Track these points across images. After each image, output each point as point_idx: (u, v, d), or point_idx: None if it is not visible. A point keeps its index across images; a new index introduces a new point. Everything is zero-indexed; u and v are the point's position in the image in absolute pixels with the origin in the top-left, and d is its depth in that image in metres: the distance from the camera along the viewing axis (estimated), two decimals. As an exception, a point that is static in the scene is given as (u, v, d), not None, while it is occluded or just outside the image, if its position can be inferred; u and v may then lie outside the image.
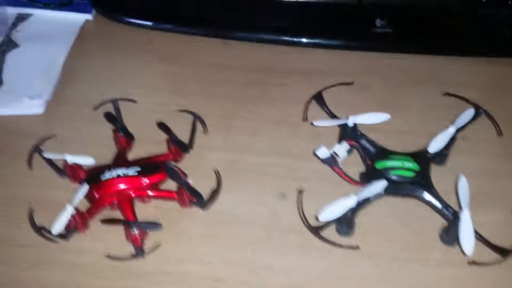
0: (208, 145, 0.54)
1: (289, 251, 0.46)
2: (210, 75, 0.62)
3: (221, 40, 0.66)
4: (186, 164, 0.52)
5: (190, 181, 0.48)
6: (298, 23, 0.65)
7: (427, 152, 0.50)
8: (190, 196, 0.47)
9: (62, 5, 0.69)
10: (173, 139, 0.51)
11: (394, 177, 0.48)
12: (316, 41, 0.64)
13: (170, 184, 0.49)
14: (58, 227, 0.45)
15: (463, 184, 0.45)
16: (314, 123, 0.54)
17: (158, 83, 0.61)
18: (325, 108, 0.57)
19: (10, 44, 0.65)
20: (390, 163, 0.49)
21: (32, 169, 0.52)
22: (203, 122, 0.55)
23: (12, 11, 0.69)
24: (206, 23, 0.67)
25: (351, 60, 0.63)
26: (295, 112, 0.57)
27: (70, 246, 0.46)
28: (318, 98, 0.57)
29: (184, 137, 0.53)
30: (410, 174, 0.48)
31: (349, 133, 0.52)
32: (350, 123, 0.51)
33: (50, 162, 0.51)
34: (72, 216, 0.45)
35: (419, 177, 0.48)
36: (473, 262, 0.45)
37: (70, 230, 0.46)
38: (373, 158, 0.50)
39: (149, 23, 0.67)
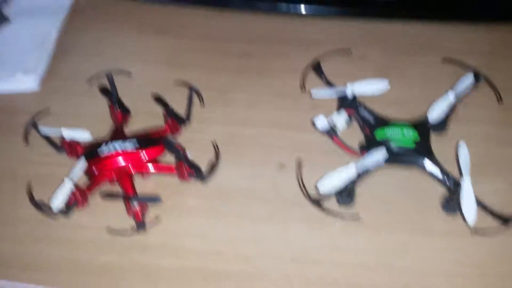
0: (207, 118, 0.54)
1: (289, 223, 0.46)
2: (206, 46, 0.61)
3: (218, 11, 0.65)
4: (184, 137, 0.52)
5: (188, 154, 0.48)
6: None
7: (427, 120, 0.50)
8: (189, 170, 0.47)
9: (53, -23, 0.67)
10: (169, 113, 0.51)
11: (393, 146, 0.48)
12: (314, 9, 0.63)
13: (168, 158, 0.49)
14: (58, 203, 0.44)
15: (464, 152, 0.45)
16: (312, 93, 0.53)
17: (153, 56, 0.60)
18: (323, 77, 0.56)
19: (1, 19, 0.63)
20: (389, 132, 0.48)
21: (28, 145, 0.52)
22: (199, 95, 0.55)
23: (2, -16, 0.67)
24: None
25: (349, 29, 0.63)
26: (293, 83, 0.57)
27: (70, 222, 0.46)
28: (316, 67, 0.57)
29: (181, 110, 0.53)
30: (410, 143, 0.48)
31: (347, 102, 0.51)
32: (349, 91, 0.51)
33: (46, 138, 0.50)
34: (72, 191, 0.45)
35: (419, 145, 0.48)
36: (475, 231, 0.45)
37: (70, 205, 0.45)
38: (372, 127, 0.50)
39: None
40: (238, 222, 0.46)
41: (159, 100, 0.52)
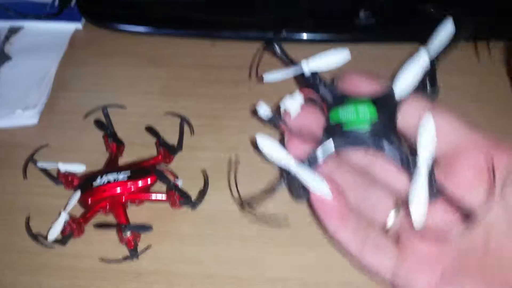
0: (199, 145, 0.56)
1: (279, 245, 0.47)
2: (199, 76, 0.63)
3: (210, 41, 0.67)
4: (177, 165, 0.53)
5: (179, 182, 0.49)
6: (282, 20, 0.66)
7: (393, 92, 0.38)
8: (179, 197, 0.49)
9: (52, 15, 0.70)
10: (161, 142, 0.52)
11: (345, 131, 0.37)
12: (301, 36, 0.65)
13: (161, 187, 0.50)
14: (53, 233, 0.46)
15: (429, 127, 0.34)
16: (264, 77, 0.44)
17: (147, 87, 0.62)
18: (282, 55, 0.45)
19: (2, 57, 0.66)
20: (342, 113, 0.38)
21: (26, 178, 0.54)
22: (190, 124, 0.56)
23: (4, 24, 0.70)
24: (194, 25, 0.68)
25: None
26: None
27: (67, 251, 0.48)
28: (269, 45, 0.46)
29: (174, 138, 0.54)
30: (365, 124, 0.37)
31: (305, 82, 0.41)
32: (305, 69, 0.41)
33: (44, 171, 0.52)
34: (67, 222, 0.47)
35: (377, 126, 0.36)
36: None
37: (66, 235, 0.47)
38: (330, 108, 0.39)
39: (138, 29, 0.68)
40: (228, 245, 0.48)
41: (151, 130, 0.54)
